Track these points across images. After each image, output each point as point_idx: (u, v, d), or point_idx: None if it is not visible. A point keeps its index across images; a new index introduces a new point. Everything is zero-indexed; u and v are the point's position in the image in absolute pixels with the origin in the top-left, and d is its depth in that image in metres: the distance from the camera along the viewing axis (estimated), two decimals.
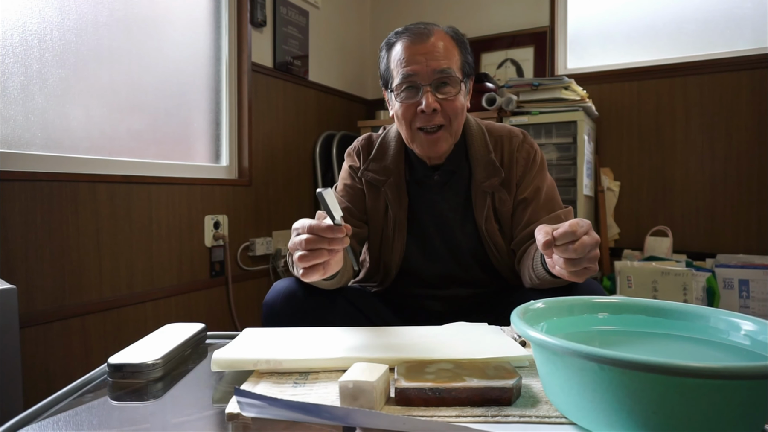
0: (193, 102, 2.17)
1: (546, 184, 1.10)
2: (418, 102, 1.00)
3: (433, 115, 1.00)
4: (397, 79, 1.01)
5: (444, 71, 0.99)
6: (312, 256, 0.75)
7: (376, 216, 1.13)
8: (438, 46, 1.00)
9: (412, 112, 1.01)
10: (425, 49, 0.99)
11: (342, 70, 3.04)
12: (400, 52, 1.01)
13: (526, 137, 1.12)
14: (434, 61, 0.98)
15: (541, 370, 0.54)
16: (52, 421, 0.57)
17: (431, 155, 1.05)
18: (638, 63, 2.67)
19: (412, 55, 0.99)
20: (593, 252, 0.72)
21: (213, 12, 2.26)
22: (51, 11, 1.64)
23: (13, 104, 1.54)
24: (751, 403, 0.42)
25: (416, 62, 0.99)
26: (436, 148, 1.03)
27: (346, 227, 0.74)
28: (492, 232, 1.08)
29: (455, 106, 1.01)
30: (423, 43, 1.00)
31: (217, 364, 0.66)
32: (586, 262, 0.71)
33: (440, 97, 0.99)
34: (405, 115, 1.02)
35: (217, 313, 2.20)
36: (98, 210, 1.71)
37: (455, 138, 1.06)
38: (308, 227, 0.75)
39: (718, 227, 2.50)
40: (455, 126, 1.03)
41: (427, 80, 0.99)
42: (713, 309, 0.61)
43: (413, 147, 1.06)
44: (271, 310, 1.01)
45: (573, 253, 0.69)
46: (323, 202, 0.73)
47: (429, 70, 0.98)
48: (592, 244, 0.71)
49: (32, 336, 1.52)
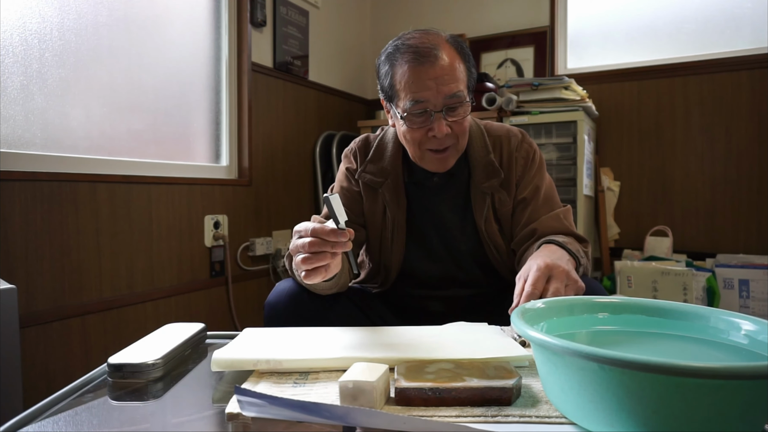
0: (193, 102, 2.17)
1: (545, 184, 1.09)
2: (429, 127, 0.98)
3: (445, 139, 0.99)
4: (406, 102, 0.97)
5: (455, 95, 0.96)
6: (315, 259, 0.76)
7: (374, 218, 1.13)
8: (447, 69, 0.96)
9: (422, 134, 0.99)
10: (435, 73, 0.95)
11: (342, 70, 3.04)
12: (407, 75, 0.96)
13: (524, 137, 1.12)
14: (445, 86, 0.95)
15: (541, 370, 0.54)
16: (52, 421, 0.57)
17: (440, 171, 1.06)
18: (638, 63, 2.67)
19: (421, 81, 0.95)
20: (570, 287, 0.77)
21: (213, 12, 2.26)
22: (51, 11, 1.64)
23: (13, 104, 1.54)
24: (751, 403, 0.42)
25: (426, 88, 0.95)
26: (445, 165, 1.04)
27: (349, 231, 0.76)
28: (492, 233, 1.08)
29: (464, 126, 1.01)
30: (432, 66, 0.95)
31: (217, 364, 0.66)
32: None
33: (451, 120, 0.98)
34: (414, 137, 1.00)
35: (217, 313, 2.20)
36: (98, 210, 1.71)
37: (461, 152, 1.06)
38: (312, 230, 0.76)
39: (718, 227, 2.50)
40: (462, 142, 1.03)
41: (438, 107, 0.96)
42: (713, 309, 0.61)
43: (421, 164, 1.06)
44: (273, 310, 1.01)
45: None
46: (330, 206, 0.75)
47: (440, 96, 0.96)
48: (559, 289, 0.75)
49: (32, 336, 1.52)
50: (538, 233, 1.03)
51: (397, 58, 0.98)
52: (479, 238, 1.09)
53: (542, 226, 1.03)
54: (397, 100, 1.00)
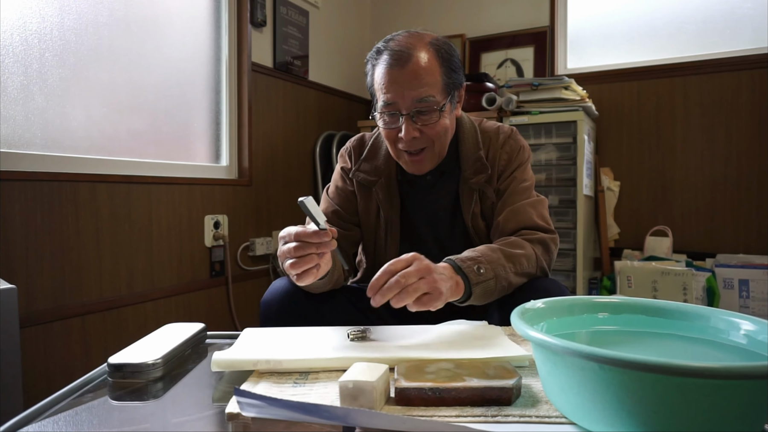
0: (193, 102, 2.17)
1: (522, 178, 1.08)
2: (398, 128, 0.99)
3: (414, 141, 0.99)
4: (379, 103, 1.00)
5: (423, 100, 0.96)
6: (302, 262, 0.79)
7: (368, 218, 1.13)
8: (417, 73, 0.95)
9: (394, 135, 1.01)
10: (403, 77, 0.96)
11: (342, 70, 3.04)
12: (380, 76, 0.99)
13: (513, 134, 1.12)
14: (412, 90, 0.95)
15: (541, 370, 0.54)
16: (52, 421, 0.57)
17: (416, 173, 1.06)
18: (638, 63, 2.67)
19: (390, 83, 0.97)
20: (424, 280, 0.75)
21: (213, 12, 2.26)
22: (51, 11, 1.64)
23: (13, 104, 1.54)
24: (751, 403, 0.42)
25: (394, 91, 0.96)
26: (420, 168, 1.04)
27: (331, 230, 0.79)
28: (479, 228, 1.08)
29: (437, 131, 1.00)
30: (401, 69, 0.96)
31: (217, 364, 0.66)
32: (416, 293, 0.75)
33: (420, 125, 0.98)
34: (388, 136, 1.03)
35: (217, 313, 2.20)
36: (98, 210, 1.71)
37: (440, 156, 1.05)
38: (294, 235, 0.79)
39: (718, 227, 2.49)
40: (438, 146, 1.03)
41: (406, 109, 0.97)
42: (713, 309, 0.61)
43: (400, 163, 1.07)
44: (269, 309, 1.01)
45: (395, 288, 0.73)
46: (306, 209, 0.77)
47: (408, 99, 0.96)
48: (416, 272, 0.75)
49: (32, 336, 1.52)
50: (500, 227, 1.03)
51: (378, 60, 1.00)
52: (468, 234, 1.10)
53: (505, 220, 1.03)
54: (375, 100, 1.03)
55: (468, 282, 0.85)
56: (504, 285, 0.91)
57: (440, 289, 0.77)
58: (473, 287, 0.85)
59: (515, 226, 1.02)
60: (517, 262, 0.93)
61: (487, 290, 0.88)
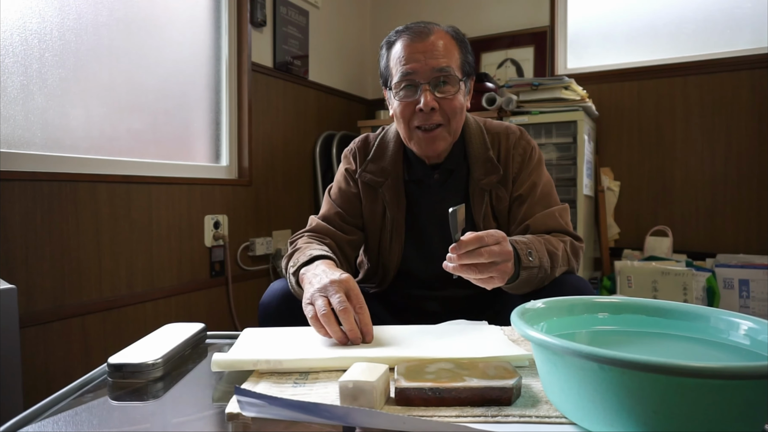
0: (193, 102, 2.17)
1: (542, 181, 1.09)
2: (416, 100, 0.99)
3: (432, 114, 0.99)
4: (396, 77, 1.01)
5: (443, 69, 0.98)
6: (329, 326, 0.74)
7: (373, 219, 1.12)
8: (437, 45, 0.99)
9: (411, 110, 1.01)
10: (424, 47, 0.99)
11: (342, 70, 3.04)
12: (399, 51, 1.01)
13: (523, 134, 1.12)
14: (433, 59, 0.98)
15: (541, 370, 0.54)
16: (52, 421, 0.57)
17: (429, 154, 1.05)
18: (638, 63, 2.67)
19: (411, 54, 0.99)
20: (502, 265, 0.78)
21: (213, 12, 2.26)
22: (51, 11, 1.64)
23: (13, 104, 1.54)
24: (751, 403, 0.42)
25: (415, 60, 0.99)
26: (434, 147, 1.03)
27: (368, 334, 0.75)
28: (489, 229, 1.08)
29: (454, 105, 1.01)
30: (423, 41, 0.99)
31: (217, 364, 0.66)
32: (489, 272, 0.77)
33: (439, 95, 0.99)
34: (403, 113, 1.02)
35: (217, 313, 2.20)
36: (98, 210, 1.71)
37: (454, 137, 1.05)
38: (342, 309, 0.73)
39: (718, 227, 2.49)
40: (454, 125, 1.03)
41: (425, 78, 0.99)
42: (713, 309, 0.61)
43: (411, 146, 1.06)
44: (267, 310, 1.01)
45: (477, 257, 0.75)
46: (453, 220, 0.73)
47: (428, 68, 0.98)
48: (499, 253, 0.76)
49: (32, 336, 1.52)
50: (530, 230, 1.02)
51: (396, 38, 1.04)
52: None
53: (536, 224, 1.03)
54: (390, 80, 1.04)
55: (519, 265, 0.86)
56: (542, 277, 0.91)
57: (505, 277, 0.80)
58: (521, 271, 0.86)
59: (546, 230, 1.02)
60: (554, 258, 0.94)
61: (529, 278, 0.88)
